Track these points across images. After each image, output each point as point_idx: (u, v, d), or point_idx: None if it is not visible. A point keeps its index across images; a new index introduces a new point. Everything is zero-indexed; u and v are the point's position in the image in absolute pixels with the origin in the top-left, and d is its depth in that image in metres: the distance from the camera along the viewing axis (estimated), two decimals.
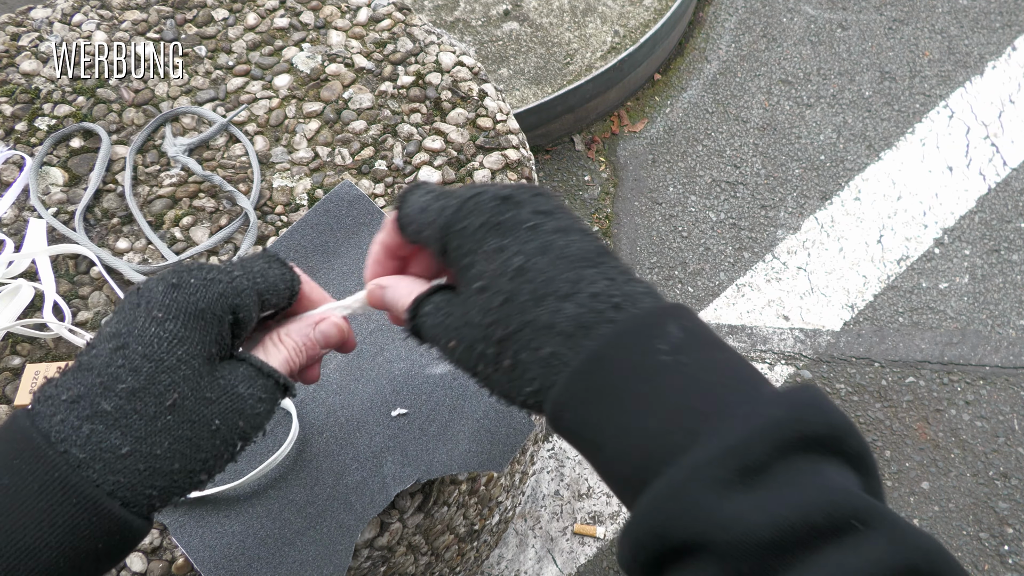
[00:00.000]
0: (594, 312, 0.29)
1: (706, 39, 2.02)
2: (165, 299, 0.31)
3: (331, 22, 0.83)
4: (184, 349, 0.31)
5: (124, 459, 0.28)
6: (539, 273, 0.30)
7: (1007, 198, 1.72)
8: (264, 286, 0.36)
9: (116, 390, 0.29)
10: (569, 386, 0.28)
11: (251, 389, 0.33)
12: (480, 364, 0.32)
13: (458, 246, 0.32)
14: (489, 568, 1.32)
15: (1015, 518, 1.36)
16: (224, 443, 0.32)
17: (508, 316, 0.30)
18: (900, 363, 1.52)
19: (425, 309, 0.34)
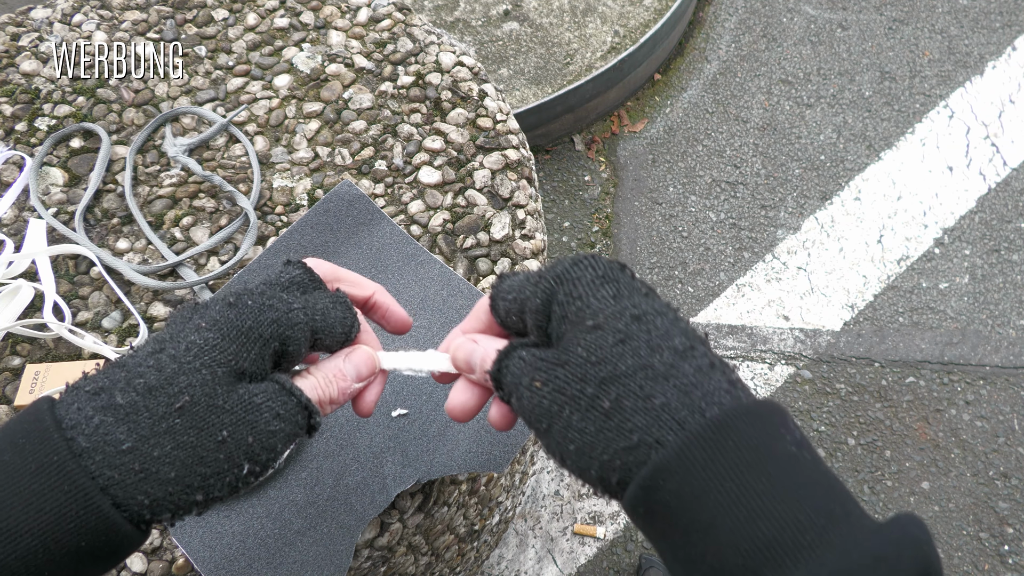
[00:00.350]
0: (711, 380, 0.27)
1: (706, 39, 2.02)
2: (217, 315, 0.31)
3: (331, 22, 0.83)
4: (212, 356, 0.30)
5: (123, 455, 0.27)
6: (656, 327, 0.29)
7: (1007, 198, 1.72)
8: (321, 325, 0.35)
9: (134, 384, 0.28)
10: (686, 450, 0.25)
11: (269, 402, 0.31)
12: (568, 407, 0.29)
13: (568, 293, 0.31)
14: (489, 568, 1.31)
15: (1015, 518, 1.36)
16: (228, 459, 0.29)
17: (620, 356, 0.28)
18: (900, 363, 1.52)
19: (519, 353, 0.32)
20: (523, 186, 0.73)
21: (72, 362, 0.61)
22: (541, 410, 0.30)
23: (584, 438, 0.28)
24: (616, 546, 1.35)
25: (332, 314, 0.36)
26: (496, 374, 0.33)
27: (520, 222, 0.71)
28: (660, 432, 0.26)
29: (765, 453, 0.26)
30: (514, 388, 0.32)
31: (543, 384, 0.30)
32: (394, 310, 0.42)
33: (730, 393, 0.28)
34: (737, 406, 0.27)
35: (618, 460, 0.27)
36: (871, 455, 1.43)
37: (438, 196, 0.72)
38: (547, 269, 0.33)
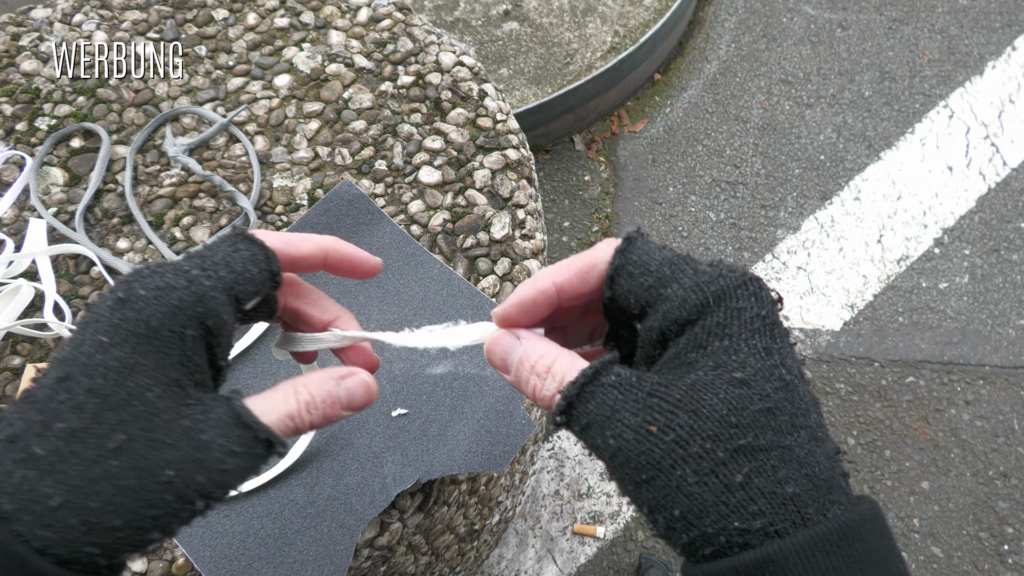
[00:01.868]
0: (836, 472, 0.26)
1: (706, 39, 2.02)
2: (113, 318, 0.26)
3: (331, 22, 0.83)
4: (135, 380, 0.26)
5: (55, 512, 0.24)
6: (799, 399, 0.26)
7: (1007, 198, 1.72)
8: (232, 278, 0.29)
9: (53, 430, 0.24)
10: (808, 551, 0.24)
11: (221, 438, 0.26)
12: (687, 466, 0.25)
13: (720, 324, 0.27)
14: (489, 568, 1.32)
15: (1015, 518, 1.36)
16: (179, 499, 0.26)
17: (763, 428, 0.25)
18: (900, 363, 1.52)
19: (607, 379, 0.27)
20: (523, 186, 0.73)
21: None
22: (649, 460, 0.26)
23: (693, 504, 0.25)
24: (616, 546, 1.35)
25: (237, 259, 0.30)
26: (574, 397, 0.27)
27: (520, 222, 0.71)
28: (786, 525, 0.24)
29: (885, 572, 0.25)
30: (607, 423, 0.26)
31: (661, 431, 0.25)
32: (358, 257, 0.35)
33: (846, 491, 0.26)
34: (863, 512, 0.25)
35: (723, 538, 0.25)
36: (871, 455, 1.43)
37: (438, 196, 0.72)
38: (701, 273, 0.28)
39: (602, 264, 0.30)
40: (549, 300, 0.31)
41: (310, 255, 0.33)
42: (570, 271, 0.31)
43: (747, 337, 0.27)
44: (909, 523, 1.37)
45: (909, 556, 1.34)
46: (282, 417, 0.29)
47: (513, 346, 0.31)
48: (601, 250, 0.31)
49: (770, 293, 0.28)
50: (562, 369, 0.29)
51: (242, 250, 0.30)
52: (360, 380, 0.32)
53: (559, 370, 0.29)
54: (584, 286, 0.31)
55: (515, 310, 0.31)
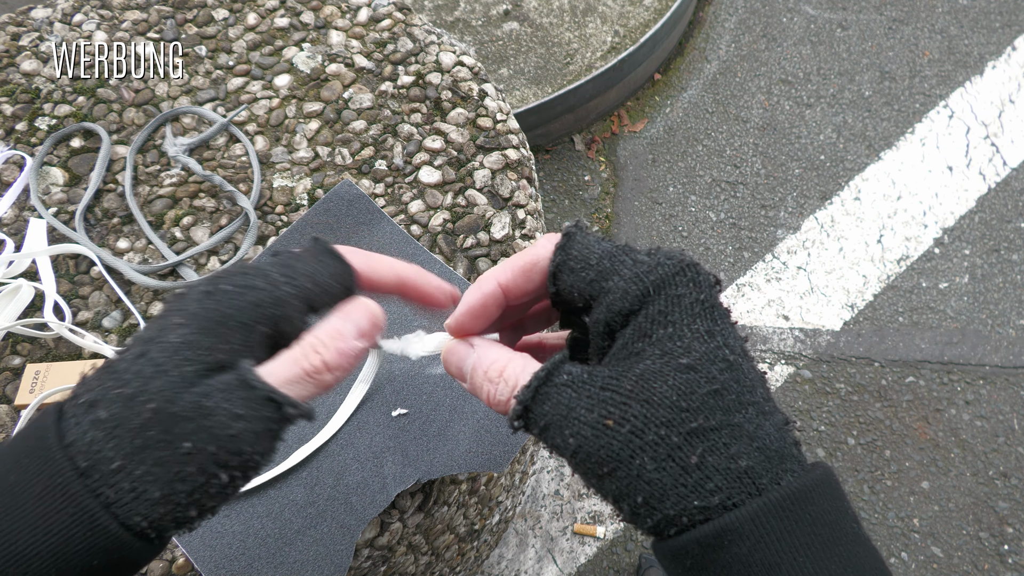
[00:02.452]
0: (786, 443, 0.27)
1: (706, 39, 2.02)
2: (194, 307, 0.28)
3: (331, 22, 0.83)
4: (183, 355, 0.27)
5: (114, 475, 0.25)
6: (744, 376, 0.27)
7: (1007, 198, 1.72)
8: (313, 290, 0.30)
9: (114, 395, 0.26)
10: (763, 517, 0.25)
11: (226, 403, 0.27)
12: (644, 454, 0.26)
13: (662, 312, 0.27)
14: (489, 568, 1.32)
15: (1015, 518, 1.36)
16: (201, 472, 0.26)
17: (712, 409, 0.26)
18: (900, 363, 1.52)
19: (560, 379, 0.28)
20: (523, 186, 0.73)
21: (72, 362, 0.61)
22: (608, 453, 0.26)
23: (654, 490, 0.26)
24: (616, 545, 1.35)
25: (322, 272, 0.31)
26: (529, 401, 0.28)
27: (520, 222, 0.71)
28: (742, 497, 0.25)
29: (838, 532, 0.26)
30: (564, 422, 0.27)
31: (617, 424, 0.26)
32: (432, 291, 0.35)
33: (799, 459, 0.27)
34: (814, 477, 0.26)
35: (685, 518, 0.26)
36: (871, 455, 1.43)
37: (438, 196, 0.72)
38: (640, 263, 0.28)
39: (544, 261, 0.31)
40: (497, 302, 0.32)
41: (387, 282, 0.34)
42: (513, 271, 0.31)
43: (689, 322, 0.27)
44: (909, 523, 1.37)
45: (909, 556, 1.34)
46: (291, 368, 0.29)
47: (467, 354, 0.32)
48: (542, 247, 0.31)
49: (708, 276, 0.29)
50: (514, 372, 0.30)
51: (327, 263, 0.31)
52: (359, 302, 0.32)
53: (511, 374, 0.30)
54: (528, 284, 0.32)
55: (466, 318, 0.32)
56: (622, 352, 0.28)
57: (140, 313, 0.65)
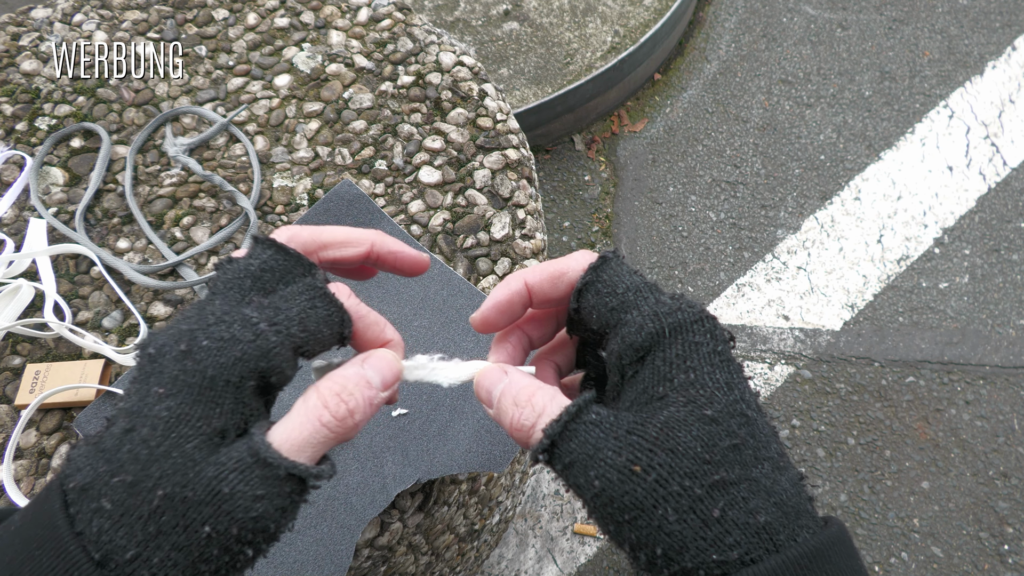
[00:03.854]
0: (802, 497, 0.27)
1: (706, 39, 2.02)
2: (173, 369, 0.26)
3: (331, 22, 0.83)
4: (179, 430, 0.25)
5: (130, 564, 0.24)
6: (760, 431, 0.27)
7: (1007, 198, 1.72)
8: (303, 337, 0.28)
9: (113, 484, 0.25)
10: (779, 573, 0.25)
11: (243, 484, 0.25)
12: (668, 505, 0.25)
13: (680, 356, 0.28)
14: (489, 568, 1.32)
15: (1015, 518, 1.36)
16: (225, 552, 0.25)
17: (731, 463, 0.26)
18: (900, 363, 1.52)
19: (588, 417, 0.27)
20: (523, 186, 0.73)
21: (72, 362, 0.61)
22: (632, 500, 0.26)
23: (674, 541, 0.26)
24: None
25: (313, 317, 0.29)
26: (556, 435, 0.27)
27: (520, 222, 0.71)
28: (761, 554, 0.25)
29: None
30: (590, 462, 0.27)
31: (644, 471, 0.26)
32: (403, 254, 0.35)
33: (813, 515, 0.27)
34: (830, 535, 0.26)
35: (702, 571, 0.25)
36: (871, 455, 1.43)
37: (438, 196, 0.72)
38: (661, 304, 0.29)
39: (573, 273, 0.31)
40: (523, 300, 0.32)
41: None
42: (542, 275, 0.32)
43: (709, 371, 0.28)
44: (909, 523, 1.37)
45: (909, 556, 1.34)
46: (308, 425, 0.27)
47: (499, 379, 0.31)
48: (575, 260, 0.32)
49: (724, 331, 0.29)
50: (542, 401, 0.29)
51: (319, 308, 0.30)
52: (382, 353, 0.31)
53: (539, 402, 0.29)
54: (554, 291, 0.32)
55: (492, 312, 0.32)
56: (643, 396, 0.28)
57: (140, 313, 0.65)
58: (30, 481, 0.57)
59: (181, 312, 0.34)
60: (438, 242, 0.69)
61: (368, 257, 0.34)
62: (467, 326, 0.63)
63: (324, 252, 0.33)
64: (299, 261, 0.31)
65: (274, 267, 0.30)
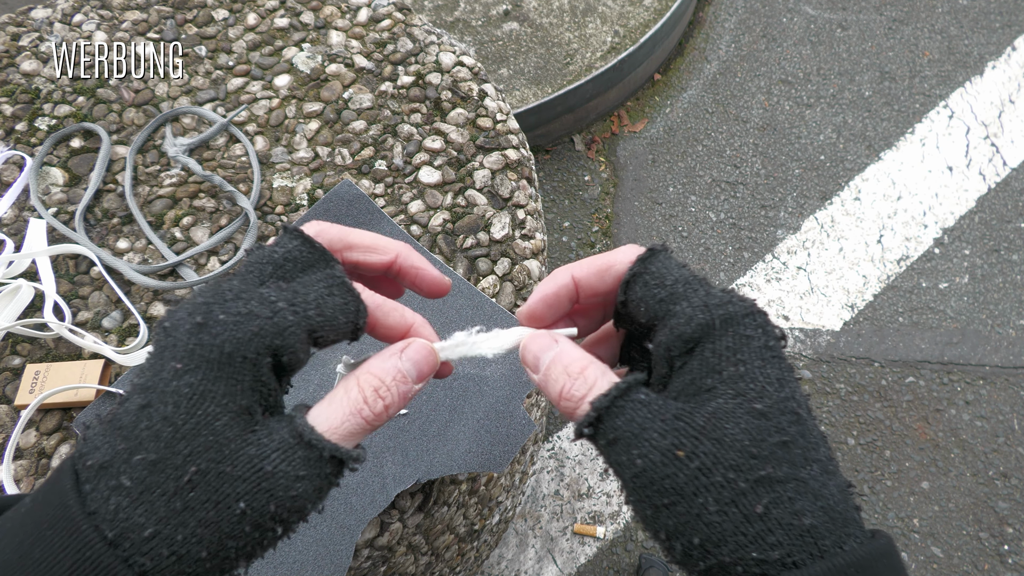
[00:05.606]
0: (849, 504, 0.27)
1: (706, 39, 2.02)
2: (189, 342, 0.26)
3: (331, 22, 0.83)
4: (204, 408, 0.25)
5: (148, 542, 0.24)
6: (810, 433, 0.27)
7: (1007, 198, 1.72)
8: (319, 321, 0.28)
9: (134, 462, 0.25)
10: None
11: (285, 464, 0.26)
12: (708, 494, 0.25)
13: (730, 348, 0.27)
14: (489, 568, 1.32)
15: (1015, 518, 1.36)
16: (256, 528, 0.26)
17: (779, 460, 0.26)
18: (900, 363, 1.52)
19: (638, 396, 0.27)
20: (523, 186, 0.73)
21: (72, 362, 0.61)
22: (672, 484, 0.26)
23: (712, 532, 0.25)
24: (616, 546, 1.35)
25: (329, 303, 0.29)
26: (604, 410, 0.27)
27: (520, 222, 0.71)
28: (804, 557, 0.25)
29: None
30: (634, 441, 0.26)
31: (687, 456, 0.26)
32: (426, 272, 0.34)
33: (860, 525, 0.27)
34: (878, 547, 0.25)
35: (740, 568, 0.25)
36: (871, 455, 1.43)
37: (438, 196, 0.72)
38: (712, 296, 0.28)
39: (620, 266, 0.31)
40: (569, 294, 0.32)
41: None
42: (589, 268, 0.32)
43: (760, 366, 0.27)
44: (909, 523, 1.37)
45: (909, 556, 1.34)
46: (349, 416, 0.28)
47: (549, 346, 0.31)
48: (623, 252, 0.31)
49: (776, 328, 0.29)
50: (594, 375, 0.29)
51: (336, 296, 0.30)
52: (420, 344, 0.31)
53: (592, 375, 0.29)
54: (600, 284, 0.32)
55: (539, 305, 0.32)
56: (691, 387, 0.28)
57: (140, 313, 0.65)
58: (30, 481, 0.57)
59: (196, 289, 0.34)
60: (438, 242, 0.69)
61: (391, 267, 0.34)
62: (467, 326, 0.63)
63: (349, 253, 0.33)
64: (323, 255, 0.31)
65: (297, 257, 0.30)
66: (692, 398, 0.27)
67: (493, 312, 0.64)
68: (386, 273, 0.34)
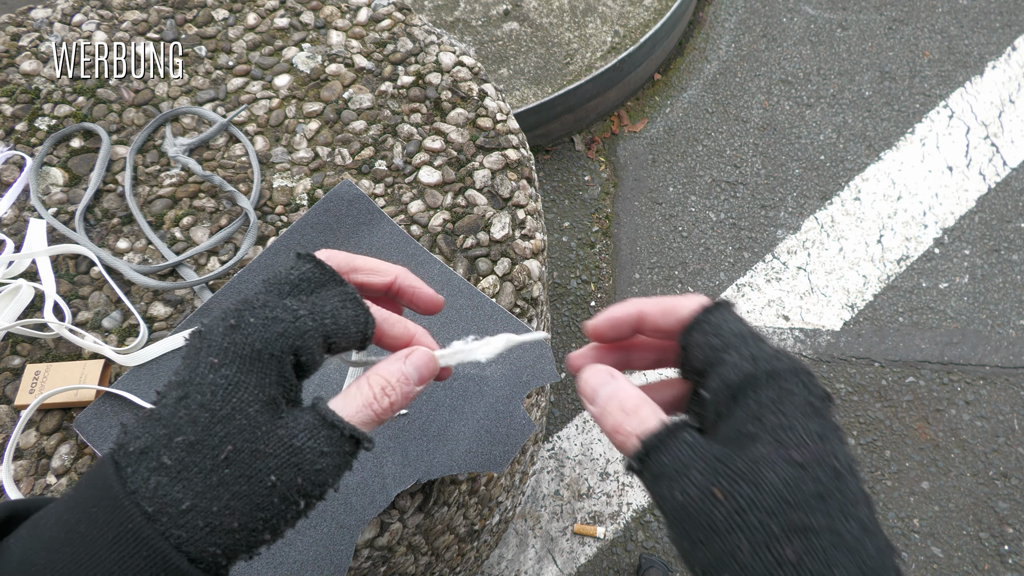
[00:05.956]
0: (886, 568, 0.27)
1: (706, 39, 2.02)
2: (223, 342, 0.30)
3: (331, 22, 0.83)
4: (239, 396, 0.29)
5: (185, 514, 0.27)
6: (849, 489, 0.28)
7: (1007, 198, 1.72)
8: (332, 328, 0.33)
9: (175, 443, 0.28)
10: None
11: (312, 441, 0.30)
12: (742, 535, 0.26)
13: (773, 400, 0.29)
14: (489, 568, 1.32)
15: (1015, 518, 1.36)
16: (284, 501, 0.29)
17: (815, 510, 0.26)
18: (900, 363, 1.52)
19: (684, 437, 0.29)
20: (523, 186, 0.73)
21: (72, 362, 0.61)
22: (709, 523, 0.27)
23: (745, 574, 0.26)
24: (616, 546, 1.35)
25: (343, 315, 0.34)
26: (652, 447, 0.30)
27: (520, 222, 0.71)
28: None
29: None
30: (676, 477, 0.28)
31: (725, 497, 0.27)
32: (422, 292, 0.39)
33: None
34: None
35: None
36: (871, 455, 1.43)
37: (438, 196, 0.72)
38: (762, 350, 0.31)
39: (685, 310, 0.34)
40: (633, 322, 0.35)
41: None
42: (656, 305, 0.35)
43: (802, 419, 0.28)
44: (909, 523, 1.37)
45: (909, 556, 1.34)
46: (362, 408, 0.32)
47: (607, 381, 0.33)
48: (691, 299, 0.34)
49: (821, 388, 0.30)
50: (647, 413, 0.31)
51: (349, 308, 0.34)
52: (422, 352, 0.36)
53: (645, 414, 0.31)
54: (664, 321, 0.35)
55: (605, 325, 0.36)
56: (735, 433, 0.29)
57: (140, 313, 0.65)
58: (30, 481, 0.57)
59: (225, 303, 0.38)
60: (438, 242, 0.69)
61: (391, 288, 0.39)
62: (466, 326, 0.63)
63: (354, 275, 0.37)
64: (333, 276, 0.36)
65: (311, 278, 0.35)
66: (734, 443, 0.29)
67: (493, 312, 0.64)
68: (386, 293, 0.39)
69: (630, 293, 1.64)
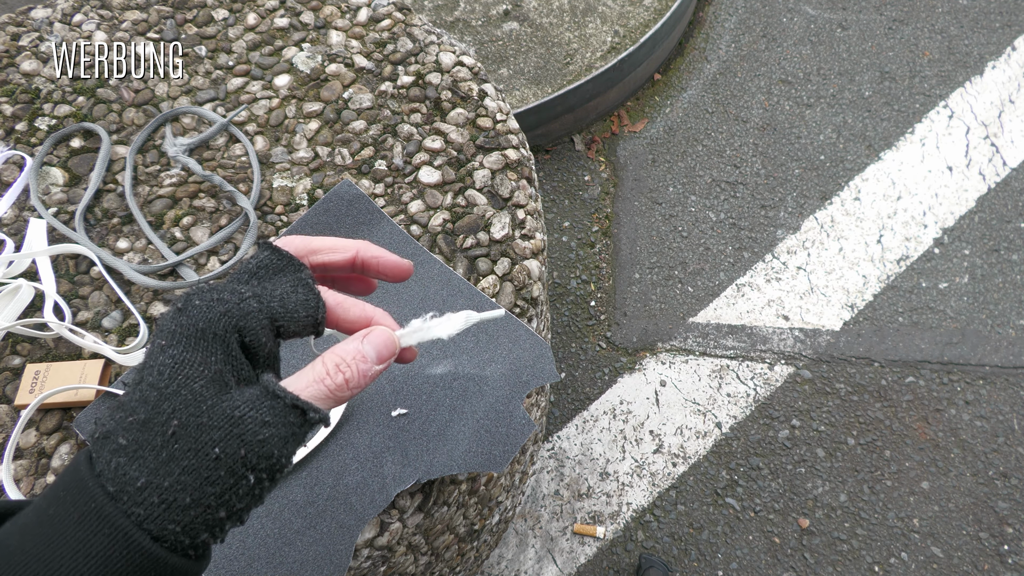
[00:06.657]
0: None
1: (706, 39, 2.02)
2: (171, 325, 0.31)
3: (331, 22, 0.83)
4: (184, 372, 0.30)
5: (141, 491, 0.28)
6: None
7: (1007, 198, 1.72)
8: (280, 311, 0.33)
9: (128, 423, 0.29)
10: None
11: (253, 411, 0.30)
12: None
13: None
14: (489, 568, 1.32)
15: (1015, 518, 1.36)
16: (231, 474, 0.29)
17: None
18: (900, 363, 1.52)
19: None
20: (523, 186, 0.73)
21: (72, 362, 0.61)
22: None
23: None
24: (616, 546, 1.35)
25: (291, 299, 0.34)
26: None
27: (520, 222, 0.71)
28: None
29: None
30: None
31: None
32: (386, 260, 0.39)
33: None
34: None
35: None
36: (871, 455, 1.43)
37: (438, 196, 0.72)
38: None
39: None
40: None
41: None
42: None
43: None
44: (909, 523, 1.37)
45: (909, 556, 1.34)
46: (312, 383, 0.32)
47: None
48: None
49: None
50: None
51: (299, 293, 0.35)
52: (380, 331, 0.35)
53: None
54: None
55: None
56: None
57: (140, 313, 0.65)
58: (30, 481, 0.57)
59: None
60: (438, 242, 0.69)
61: (355, 263, 0.38)
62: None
63: (314, 256, 0.37)
64: (291, 261, 0.36)
65: (268, 264, 0.35)
66: None
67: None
68: (352, 269, 0.39)
69: (630, 293, 1.64)
